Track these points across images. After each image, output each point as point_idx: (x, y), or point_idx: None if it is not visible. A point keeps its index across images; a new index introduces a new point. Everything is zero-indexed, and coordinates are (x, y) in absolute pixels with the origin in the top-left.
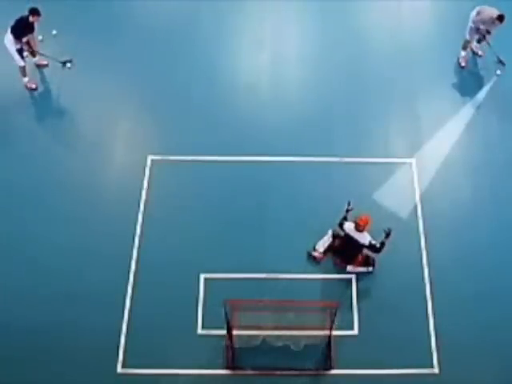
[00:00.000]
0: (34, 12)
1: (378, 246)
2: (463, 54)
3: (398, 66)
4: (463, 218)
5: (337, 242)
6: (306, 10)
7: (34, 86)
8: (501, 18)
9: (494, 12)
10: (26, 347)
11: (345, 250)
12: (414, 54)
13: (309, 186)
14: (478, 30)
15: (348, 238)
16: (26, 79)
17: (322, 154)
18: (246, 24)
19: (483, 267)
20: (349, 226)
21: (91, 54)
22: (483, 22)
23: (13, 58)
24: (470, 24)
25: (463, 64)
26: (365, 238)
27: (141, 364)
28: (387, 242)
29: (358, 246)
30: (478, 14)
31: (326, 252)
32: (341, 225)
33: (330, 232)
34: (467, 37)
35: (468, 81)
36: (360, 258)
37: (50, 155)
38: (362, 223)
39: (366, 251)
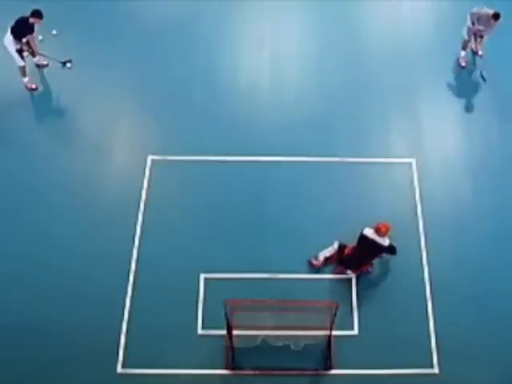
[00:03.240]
0: (37, 14)
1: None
2: (463, 54)
3: (398, 65)
4: (463, 218)
5: (348, 250)
6: (305, 10)
7: (33, 86)
8: (495, 16)
9: (491, 11)
10: (26, 347)
11: (358, 257)
12: (414, 54)
13: (309, 186)
14: (473, 24)
15: (370, 243)
16: (25, 79)
17: (322, 154)
18: (245, 24)
19: (483, 267)
20: (370, 231)
21: (91, 53)
22: (479, 19)
23: (13, 58)
24: (468, 23)
25: (463, 64)
26: (385, 241)
27: (141, 364)
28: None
29: (379, 250)
30: (477, 10)
31: (326, 261)
32: (361, 236)
33: (335, 244)
34: (465, 36)
35: (468, 81)
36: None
37: (50, 155)
38: (384, 229)
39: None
